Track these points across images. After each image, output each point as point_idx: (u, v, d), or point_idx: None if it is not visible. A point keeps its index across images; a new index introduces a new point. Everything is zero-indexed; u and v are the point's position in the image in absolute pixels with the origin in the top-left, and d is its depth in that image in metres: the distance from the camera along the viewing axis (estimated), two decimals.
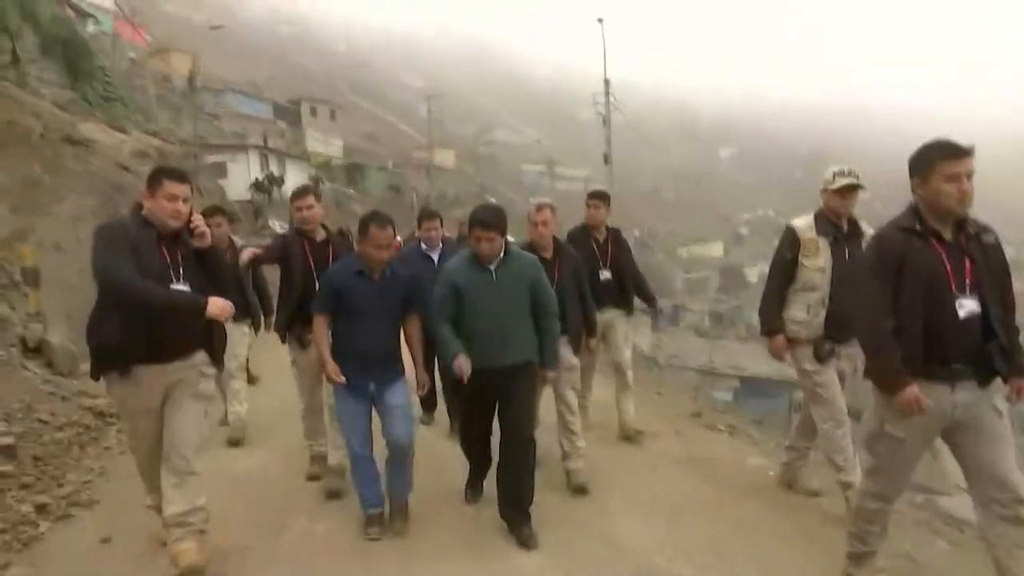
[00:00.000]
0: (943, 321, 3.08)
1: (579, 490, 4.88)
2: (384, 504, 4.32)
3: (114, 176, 13.60)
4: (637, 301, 6.33)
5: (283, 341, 5.21)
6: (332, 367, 4.13)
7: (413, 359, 4.45)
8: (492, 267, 4.19)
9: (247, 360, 7.58)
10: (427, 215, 6.46)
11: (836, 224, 4.40)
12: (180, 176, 3.60)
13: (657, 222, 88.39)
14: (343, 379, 4.10)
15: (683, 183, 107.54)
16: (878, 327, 3.16)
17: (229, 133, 41.22)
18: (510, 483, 4.25)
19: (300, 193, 5.22)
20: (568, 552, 4.01)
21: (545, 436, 4.88)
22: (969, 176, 3.07)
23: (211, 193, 21.59)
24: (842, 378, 4.46)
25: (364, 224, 4.17)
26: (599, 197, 6.13)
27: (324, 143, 52.66)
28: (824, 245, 4.36)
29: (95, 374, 3.58)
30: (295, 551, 4.05)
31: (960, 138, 3.12)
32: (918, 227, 3.16)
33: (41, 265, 7.53)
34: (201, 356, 3.71)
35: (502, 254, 4.20)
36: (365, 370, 4.14)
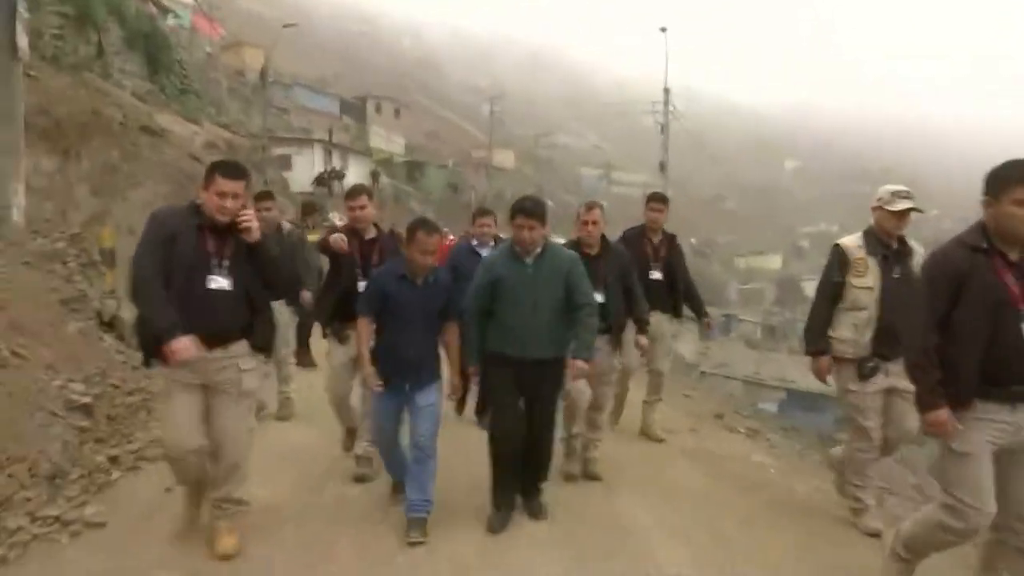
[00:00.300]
0: (1007, 343, 3.02)
1: (592, 477, 5.18)
2: (431, 505, 4.35)
3: (186, 166, 14.36)
4: (686, 310, 6.43)
5: (324, 335, 5.36)
6: (370, 371, 4.25)
7: (450, 364, 4.54)
8: (529, 260, 4.28)
9: (308, 344, 8.06)
10: (481, 212, 6.68)
11: (886, 243, 4.38)
12: (234, 173, 3.63)
13: (717, 232, 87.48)
14: (380, 387, 4.23)
15: (746, 194, 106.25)
16: (920, 344, 3.15)
17: (296, 127, 42.23)
18: (528, 459, 4.46)
19: (354, 193, 5.24)
20: (573, 528, 4.35)
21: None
22: None
23: (275, 184, 22.42)
24: (896, 394, 4.34)
25: (412, 230, 4.22)
26: (661, 200, 6.21)
27: (387, 140, 53.68)
28: (873, 264, 4.33)
29: (144, 360, 3.73)
30: (328, 510, 4.52)
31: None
32: (984, 245, 3.09)
33: (117, 247, 8.15)
34: (241, 347, 3.73)
35: (540, 249, 4.30)
36: (402, 372, 4.23)
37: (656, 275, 6.00)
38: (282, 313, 5.87)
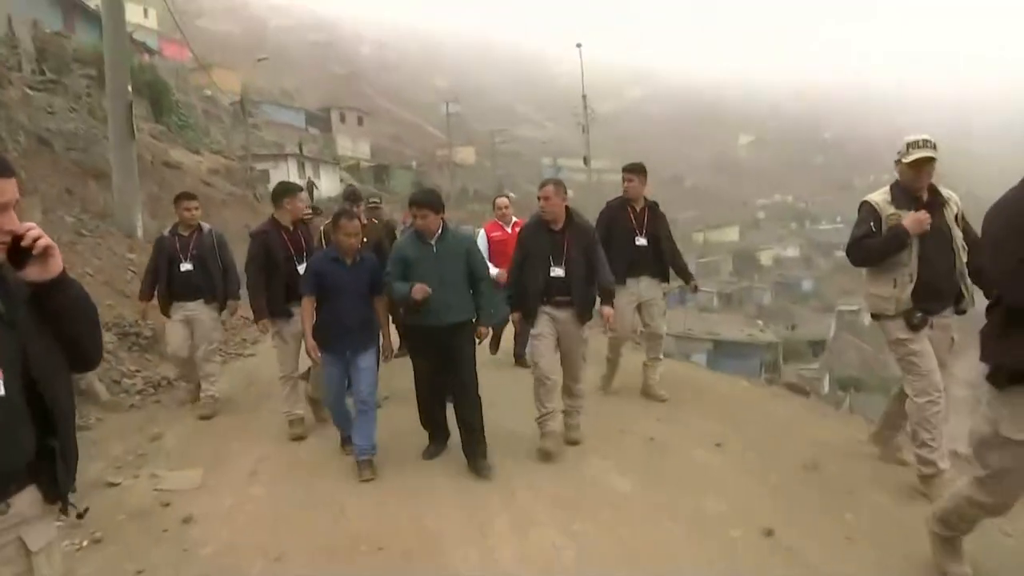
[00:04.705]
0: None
1: (572, 442, 5.28)
2: (375, 449, 4.91)
3: (201, 190, 18.01)
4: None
5: (262, 327, 5.74)
6: (311, 344, 4.80)
7: (382, 330, 5.12)
8: (432, 242, 4.76)
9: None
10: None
11: (915, 196, 4.11)
12: None
13: (678, 209, 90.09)
14: (319, 355, 4.80)
15: (704, 170, 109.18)
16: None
17: (268, 142, 44.30)
18: (468, 442, 4.87)
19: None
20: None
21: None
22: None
23: (264, 198, 26.18)
24: (937, 350, 4.16)
25: (336, 218, 4.86)
26: (632, 171, 6.24)
27: (352, 147, 56.78)
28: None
29: None
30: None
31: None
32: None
33: None
34: (27, 500, 1.89)
35: (440, 231, 4.78)
36: (343, 339, 4.77)
37: (641, 241, 6.12)
38: (203, 315, 6.37)
